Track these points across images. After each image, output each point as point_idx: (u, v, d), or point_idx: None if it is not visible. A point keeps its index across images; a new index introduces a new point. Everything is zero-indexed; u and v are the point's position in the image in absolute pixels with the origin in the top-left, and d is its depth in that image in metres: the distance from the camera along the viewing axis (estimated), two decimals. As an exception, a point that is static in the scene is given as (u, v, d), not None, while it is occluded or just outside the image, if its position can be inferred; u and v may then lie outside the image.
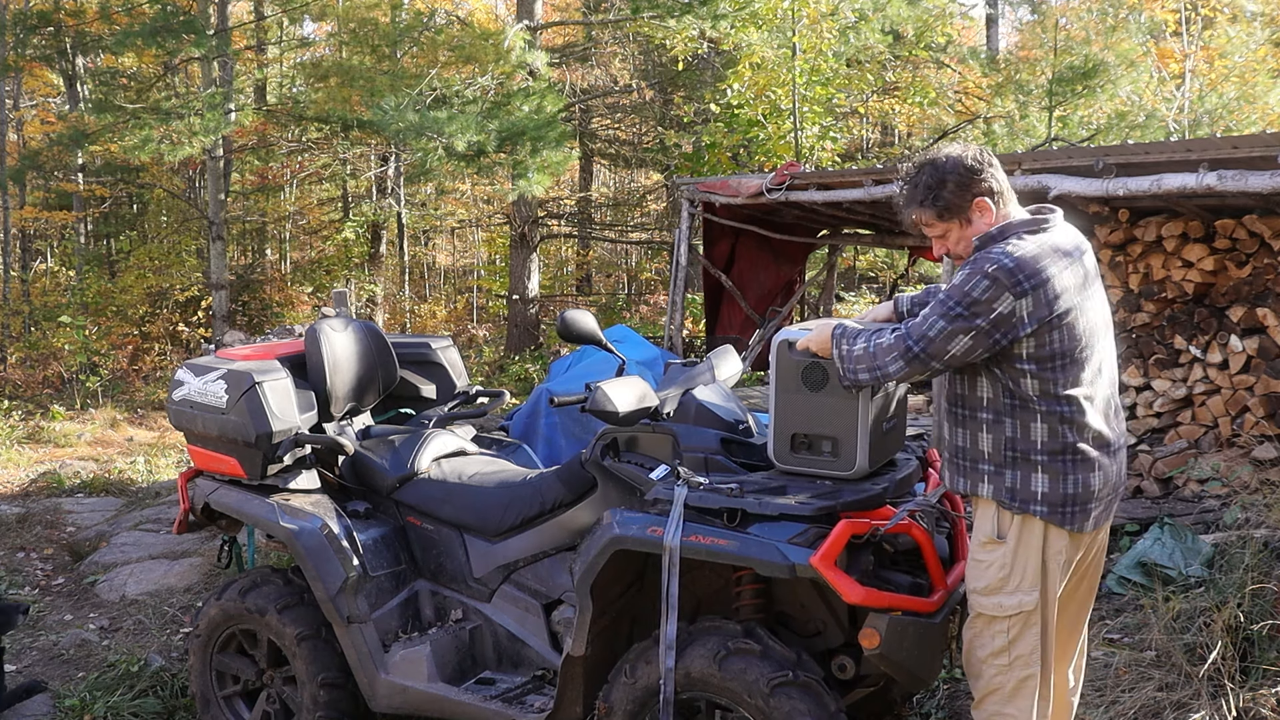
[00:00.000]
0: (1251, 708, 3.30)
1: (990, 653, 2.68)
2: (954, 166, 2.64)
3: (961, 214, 2.66)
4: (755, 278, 9.70)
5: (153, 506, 7.16)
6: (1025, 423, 2.59)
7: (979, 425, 2.66)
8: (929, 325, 2.53)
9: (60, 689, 4.27)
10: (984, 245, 2.60)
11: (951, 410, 2.74)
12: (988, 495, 2.66)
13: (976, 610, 2.70)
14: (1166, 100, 13.48)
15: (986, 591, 2.67)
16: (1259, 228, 5.62)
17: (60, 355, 13.35)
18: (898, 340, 2.58)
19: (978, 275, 2.49)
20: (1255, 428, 5.48)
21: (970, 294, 2.49)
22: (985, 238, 2.61)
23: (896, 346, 2.57)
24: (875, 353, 2.60)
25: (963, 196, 2.64)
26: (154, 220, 19.05)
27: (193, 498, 3.73)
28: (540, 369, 12.05)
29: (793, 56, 11.69)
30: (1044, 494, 2.60)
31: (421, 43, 13.67)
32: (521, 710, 3.22)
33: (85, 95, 15.39)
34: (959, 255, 2.71)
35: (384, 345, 3.90)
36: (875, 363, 2.60)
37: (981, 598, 2.68)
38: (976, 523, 2.71)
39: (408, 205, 18.57)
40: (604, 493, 3.21)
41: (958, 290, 2.51)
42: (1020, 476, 2.61)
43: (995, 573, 2.65)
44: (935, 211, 2.67)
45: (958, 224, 2.68)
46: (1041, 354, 2.53)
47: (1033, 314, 2.48)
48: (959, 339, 2.51)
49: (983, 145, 2.77)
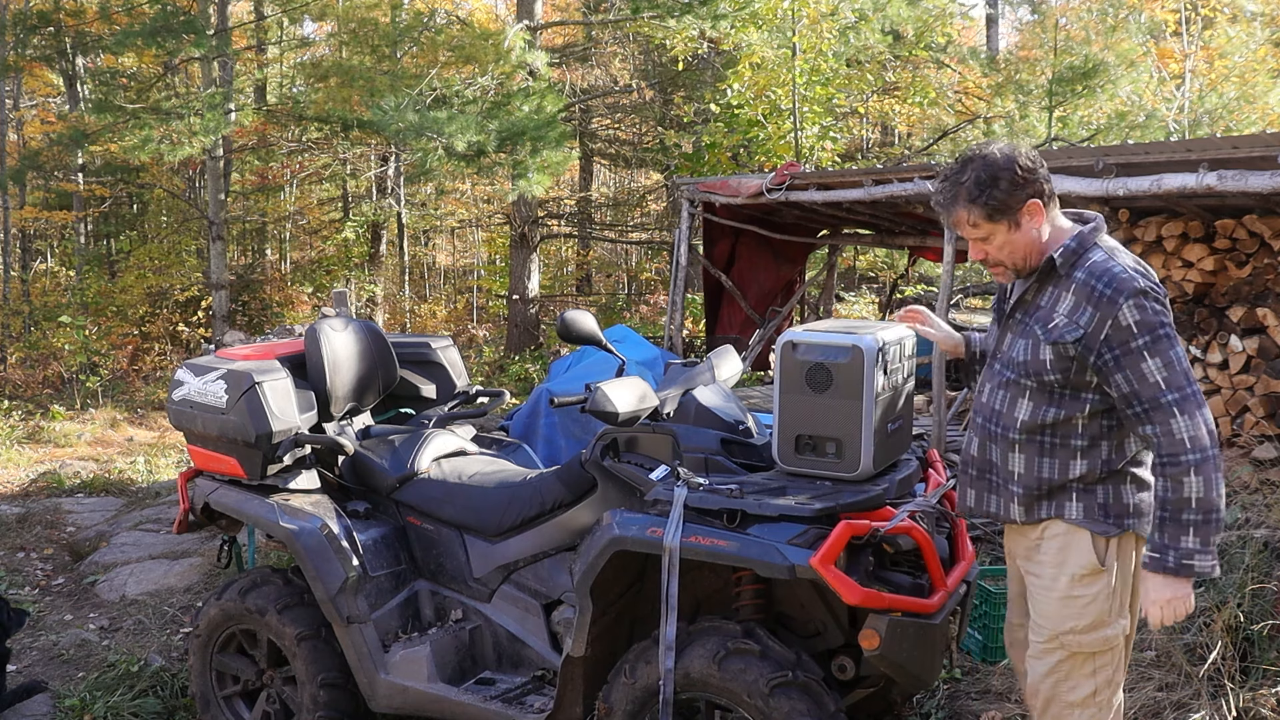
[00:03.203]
0: (1251, 708, 3.30)
1: (1087, 694, 2.52)
2: (1009, 163, 2.47)
3: (1011, 215, 2.48)
4: (755, 278, 9.70)
5: (153, 506, 7.15)
6: (1123, 438, 2.49)
7: (1071, 452, 2.50)
8: (1178, 363, 2.35)
9: (60, 689, 4.27)
10: (1074, 262, 2.47)
11: (1030, 440, 2.53)
12: (1076, 518, 2.49)
13: (1072, 651, 2.51)
14: (1166, 100, 13.48)
15: (1090, 629, 2.49)
16: (1259, 228, 5.62)
17: (60, 355, 13.35)
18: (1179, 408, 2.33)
19: (1137, 296, 2.36)
20: (1255, 428, 5.48)
21: (1156, 307, 2.37)
22: (1069, 250, 2.48)
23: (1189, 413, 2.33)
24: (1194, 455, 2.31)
25: (1016, 197, 2.46)
26: (154, 220, 19.05)
27: (193, 498, 3.73)
28: (540, 369, 12.05)
29: (793, 56, 11.69)
30: (1135, 505, 2.49)
31: (421, 43, 13.67)
32: (521, 710, 3.22)
33: (85, 95, 15.40)
34: (998, 262, 2.56)
35: (384, 345, 3.90)
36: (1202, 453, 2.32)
37: (1083, 636, 2.50)
38: (1058, 556, 2.52)
39: (408, 205, 18.57)
40: (604, 493, 3.20)
41: (1147, 319, 2.35)
42: (1111, 491, 2.49)
43: (1103, 604, 2.48)
44: (985, 211, 2.48)
45: (1005, 226, 2.50)
46: None
47: (1169, 309, 2.43)
48: (1183, 348, 2.44)
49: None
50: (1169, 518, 2.34)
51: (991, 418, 2.62)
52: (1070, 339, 2.43)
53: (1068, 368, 2.46)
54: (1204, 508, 2.31)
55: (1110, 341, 2.38)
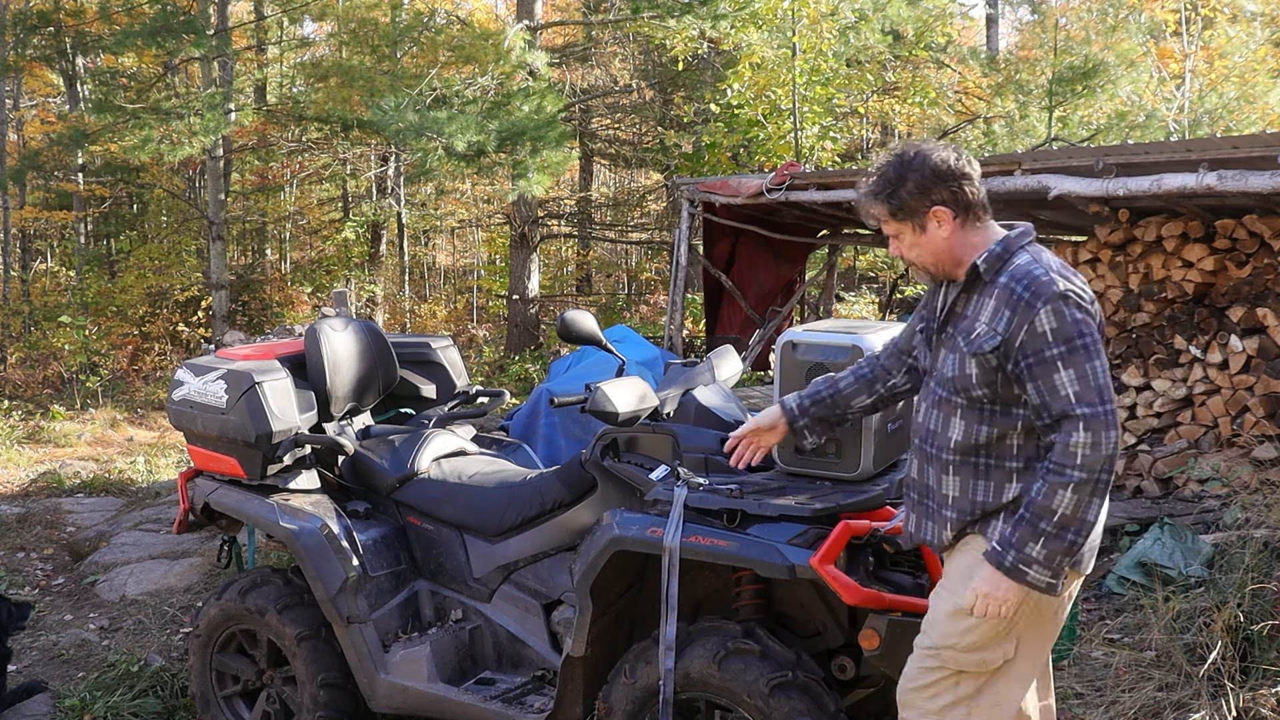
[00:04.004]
0: (1251, 708, 3.30)
1: (944, 705, 2.42)
2: (920, 165, 2.38)
3: (916, 218, 2.40)
4: (755, 278, 9.69)
5: (153, 506, 7.15)
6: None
7: (1006, 475, 2.37)
8: (1093, 377, 2.23)
9: (60, 689, 4.27)
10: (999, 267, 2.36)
11: (965, 462, 2.41)
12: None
13: (943, 664, 2.42)
14: (1166, 100, 13.48)
15: (971, 649, 2.39)
16: (1259, 228, 5.62)
17: (60, 355, 13.35)
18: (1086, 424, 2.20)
19: (1057, 301, 2.25)
20: (1255, 428, 5.48)
21: (1075, 317, 2.25)
22: (994, 256, 2.37)
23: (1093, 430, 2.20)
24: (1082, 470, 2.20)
25: (920, 200, 2.38)
26: (154, 220, 19.05)
27: (193, 498, 3.73)
28: (540, 369, 12.05)
29: (793, 56, 11.69)
30: None
31: (421, 43, 13.67)
32: (521, 710, 3.22)
33: (85, 95, 15.40)
34: (911, 261, 2.48)
35: (384, 345, 3.90)
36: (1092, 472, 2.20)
37: (962, 654, 2.40)
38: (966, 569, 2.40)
39: (408, 205, 18.57)
40: (604, 493, 3.21)
41: (1064, 327, 2.24)
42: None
43: (989, 629, 2.36)
44: (889, 209, 2.42)
45: (911, 227, 2.42)
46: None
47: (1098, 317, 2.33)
48: (1106, 363, 2.26)
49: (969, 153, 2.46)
50: (1027, 519, 2.25)
51: (927, 439, 2.49)
52: (989, 348, 2.32)
53: (993, 380, 2.34)
54: (1063, 524, 2.22)
55: (1025, 349, 2.27)
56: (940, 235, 2.40)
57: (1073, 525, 2.22)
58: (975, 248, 2.41)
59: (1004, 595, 2.29)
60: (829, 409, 2.74)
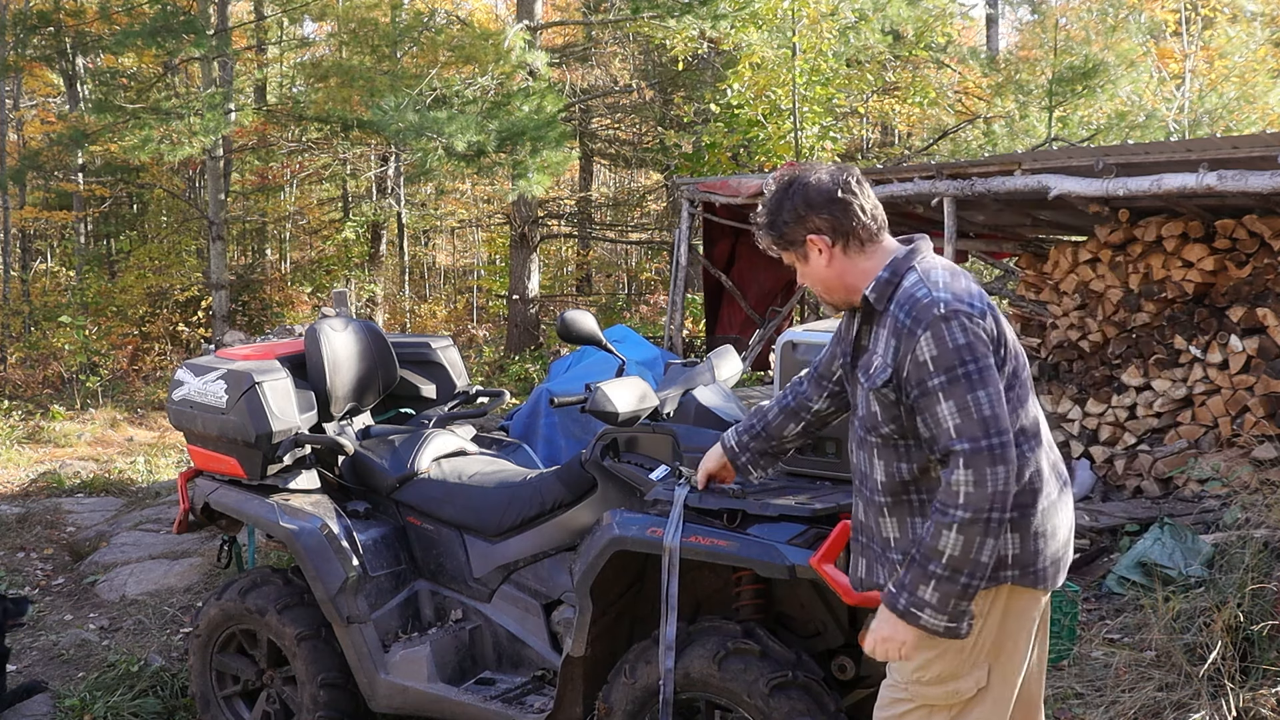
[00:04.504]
0: (1251, 708, 3.30)
1: None
2: (796, 192, 2.28)
3: (797, 248, 2.31)
4: (755, 278, 9.70)
5: (153, 506, 7.15)
6: None
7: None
8: (977, 408, 2.08)
9: (60, 689, 4.27)
10: (890, 294, 2.23)
11: (898, 501, 2.28)
12: None
13: (911, 698, 2.28)
14: (1166, 100, 13.48)
15: (938, 681, 2.24)
16: (1259, 228, 5.62)
17: (60, 355, 13.35)
18: (969, 461, 2.07)
19: (940, 323, 2.12)
20: (1255, 428, 5.48)
21: (959, 343, 2.11)
22: (883, 282, 2.25)
23: (975, 467, 2.06)
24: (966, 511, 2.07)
25: (796, 230, 2.28)
26: (154, 220, 19.05)
27: (193, 498, 3.73)
28: (540, 369, 12.05)
29: (793, 56, 11.69)
30: (1015, 556, 2.20)
31: (421, 43, 13.68)
32: (521, 710, 3.22)
33: (85, 95, 15.40)
34: (815, 291, 2.39)
35: (384, 345, 3.90)
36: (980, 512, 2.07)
37: (928, 688, 2.25)
38: None
39: (408, 205, 18.57)
40: (604, 493, 3.21)
41: (946, 355, 2.11)
42: None
43: (952, 660, 2.23)
44: (770, 238, 2.34)
45: (795, 256, 2.33)
46: (1008, 379, 2.19)
47: (990, 331, 2.17)
48: (998, 388, 2.11)
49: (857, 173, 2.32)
50: (918, 561, 2.14)
51: (862, 481, 2.37)
52: (881, 382, 2.21)
53: (897, 415, 2.22)
54: (954, 567, 2.09)
55: (910, 379, 2.15)
56: (821, 264, 2.30)
57: (965, 568, 2.09)
58: (867, 274, 2.29)
59: (901, 639, 2.19)
60: (764, 442, 2.68)
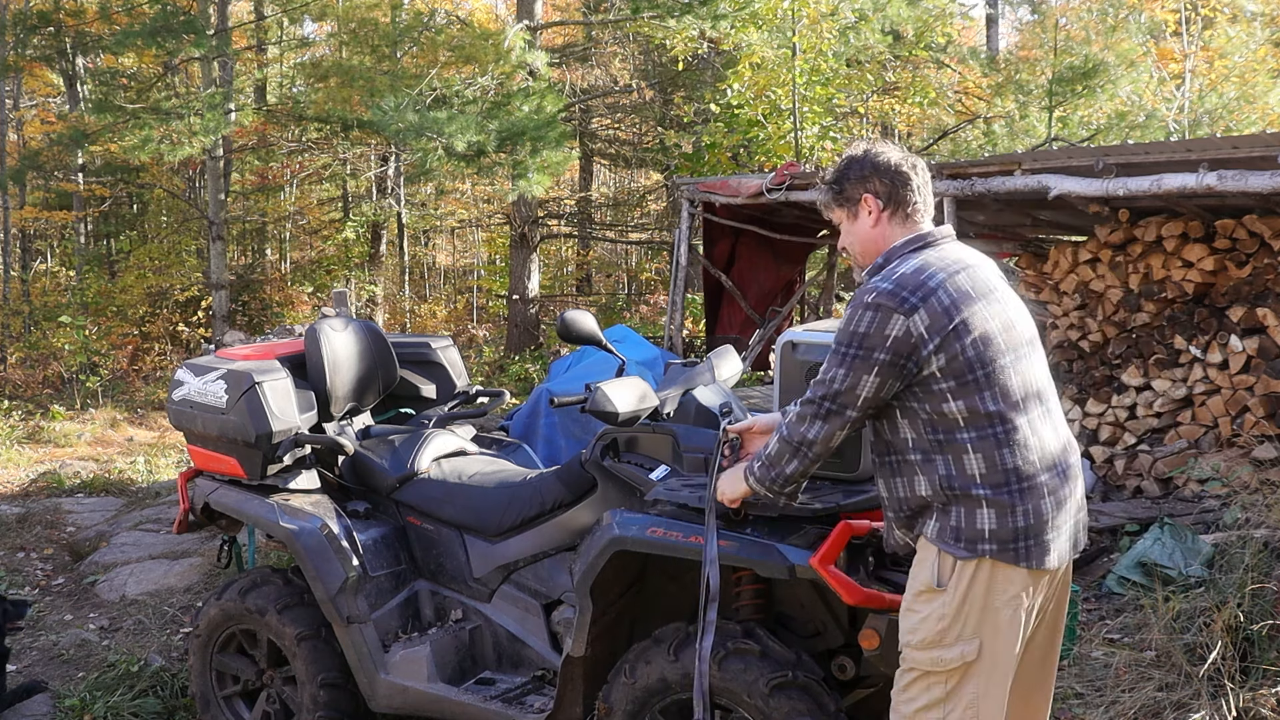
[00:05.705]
0: (1251, 708, 3.30)
1: (922, 707, 2.43)
2: (866, 158, 2.54)
3: (850, 206, 2.56)
4: (755, 278, 9.70)
5: (153, 506, 7.15)
6: (957, 455, 2.37)
7: (912, 469, 2.44)
8: (830, 376, 2.39)
9: (60, 689, 4.27)
10: (872, 274, 2.49)
11: (883, 463, 2.52)
12: (931, 536, 2.41)
13: (909, 665, 2.46)
14: (1166, 100, 13.48)
15: (923, 645, 2.42)
16: (1259, 228, 5.62)
17: (60, 355, 13.34)
18: (805, 407, 2.43)
19: (859, 309, 2.37)
20: (1255, 428, 5.48)
21: (858, 330, 2.36)
22: (874, 267, 2.50)
23: (806, 412, 2.42)
24: (789, 435, 2.45)
25: (856, 188, 2.53)
26: (154, 220, 19.05)
27: (193, 498, 3.73)
28: (540, 369, 12.05)
29: (793, 56, 11.69)
30: (992, 531, 2.35)
31: (421, 43, 13.68)
32: (521, 710, 3.22)
33: (85, 95, 15.39)
34: (848, 251, 2.63)
35: (384, 345, 3.90)
36: (793, 440, 2.44)
37: (917, 652, 2.43)
38: (914, 570, 2.48)
39: (408, 205, 18.57)
40: (604, 493, 3.21)
41: (845, 331, 2.38)
42: (964, 514, 2.37)
43: (934, 625, 2.40)
44: (830, 196, 2.60)
45: (846, 216, 2.58)
46: (957, 366, 2.33)
47: (931, 327, 2.32)
48: (865, 379, 2.35)
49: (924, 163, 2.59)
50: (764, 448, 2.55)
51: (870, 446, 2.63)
52: None
53: None
54: (769, 463, 2.51)
55: None
56: (868, 224, 2.54)
57: (774, 467, 2.50)
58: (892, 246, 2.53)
59: (736, 488, 2.62)
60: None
